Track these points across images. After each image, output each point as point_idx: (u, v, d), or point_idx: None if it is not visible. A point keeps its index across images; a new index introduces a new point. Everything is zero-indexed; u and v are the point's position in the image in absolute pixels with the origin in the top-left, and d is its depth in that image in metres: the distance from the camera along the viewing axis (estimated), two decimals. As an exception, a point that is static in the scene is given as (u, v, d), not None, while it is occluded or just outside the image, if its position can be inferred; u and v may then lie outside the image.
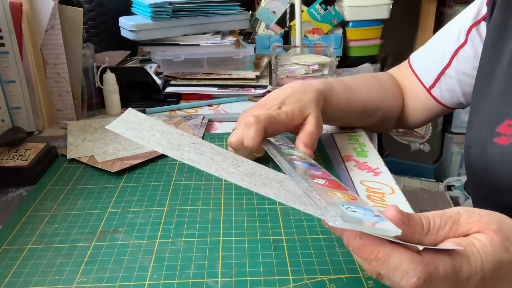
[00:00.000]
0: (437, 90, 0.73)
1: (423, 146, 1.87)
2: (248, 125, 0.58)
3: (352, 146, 0.72)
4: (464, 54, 0.69)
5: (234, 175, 0.40)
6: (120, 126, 0.43)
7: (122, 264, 0.47)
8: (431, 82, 0.73)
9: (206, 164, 0.41)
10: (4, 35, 0.73)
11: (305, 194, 0.39)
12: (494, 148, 0.57)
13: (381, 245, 0.34)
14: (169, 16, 0.95)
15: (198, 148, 0.43)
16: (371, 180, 0.63)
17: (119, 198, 0.59)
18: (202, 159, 0.41)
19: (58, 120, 0.83)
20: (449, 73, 0.71)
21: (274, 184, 0.41)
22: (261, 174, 0.42)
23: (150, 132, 0.43)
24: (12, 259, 0.48)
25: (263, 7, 1.33)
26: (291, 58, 1.02)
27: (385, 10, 1.49)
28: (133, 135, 0.43)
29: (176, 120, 0.81)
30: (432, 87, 0.73)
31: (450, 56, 0.70)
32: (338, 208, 0.36)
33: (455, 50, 0.70)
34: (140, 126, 0.44)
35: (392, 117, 0.78)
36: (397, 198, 0.59)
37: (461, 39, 0.69)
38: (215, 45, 0.99)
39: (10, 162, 0.64)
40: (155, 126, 0.45)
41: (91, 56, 0.85)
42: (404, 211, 0.36)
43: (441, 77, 0.72)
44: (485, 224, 0.36)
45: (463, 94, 0.71)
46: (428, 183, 1.78)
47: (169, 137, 0.44)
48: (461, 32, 0.69)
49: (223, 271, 0.45)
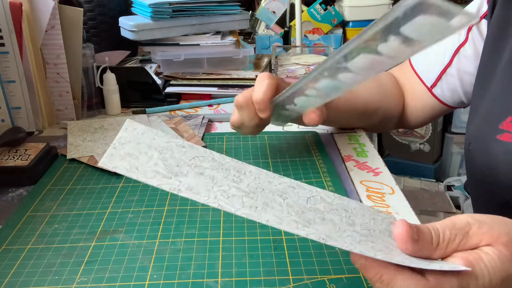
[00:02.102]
0: (439, 89, 0.73)
1: (423, 146, 1.87)
2: (261, 79, 0.59)
3: (352, 146, 0.72)
4: (464, 53, 0.69)
5: (234, 200, 0.40)
6: (114, 159, 0.42)
7: (122, 264, 0.47)
8: (432, 81, 0.73)
9: (206, 190, 0.40)
10: (4, 35, 0.73)
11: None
12: (498, 145, 0.56)
13: (385, 268, 0.34)
14: (169, 16, 0.95)
15: (198, 166, 0.42)
16: (371, 180, 0.63)
17: (119, 198, 0.59)
18: (201, 184, 0.41)
19: (58, 120, 0.83)
20: (450, 72, 0.71)
21: (277, 200, 0.40)
22: (264, 188, 0.42)
23: (147, 155, 0.43)
24: (12, 259, 0.48)
25: (263, 7, 1.33)
26: (291, 58, 1.02)
27: (385, 10, 1.49)
28: (127, 167, 0.42)
29: (176, 120, 0.81)
30: (433, 86, 0.73)
31: (451, 54, 0.70)
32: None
33: (455, 49, 0.69)
34: (136, 148, 0.43)
35: (392, 117, 0.78)
36: (397, 198, 0.59)
37: (462, 38, 0.69)
38: (215, 45, 0.99)
39: (10, 162, 0.64)
40: (154, 141, 0.44)
41: (91, 56, 0.85)
42: (413, 225, 0.35)
43: (443, 76, 0.72)
44: (496, 236, 0.35)
45: (464, 93, 0.71)
46: (428, 183, 1.78)
47: (167, 156, 0.43)
48: (462, 31, 0.68)
49: (223, 271, 0.46)
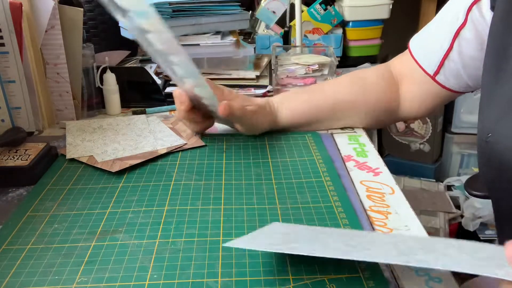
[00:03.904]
0: (442, 76, 0.70)
1: (423, 146, 1.87)
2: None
3: (352, 146, 0.72)
4: (464, 36, 0.66)
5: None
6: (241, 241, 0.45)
7: (122, 264, 0.47)
8: (435, 69, 0.70)
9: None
10: (4, 35, 0.73)
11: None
12: None
13: None
14: (169, 16, 0.95)
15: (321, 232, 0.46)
16: (371, 180, 0.63)
17: (119, 198, 0.59)
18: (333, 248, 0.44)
19: (58, 120, 0.83)
20: (452, 57, 0.68)
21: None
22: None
23: (271, 236, 0.46)
24: (12, 259, 0.48)
25: (263, 7, 1.33)
26: (291, 58, 1.02)
27: (385, 10, 1.49)
28: (246, 241, 0.46)
29: (172, 120, 0.81)
30: (436, 73, 0.70)
31: (451, 39, 0.67)
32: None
33: (455, 32, 0.66)
34: (265, 232, 0.47)
35: (380, 110, 0.76)
36: (397, 198, 0.59)
37: (460, 20, 0.65)
38: (215, 45, 0.99)
39: (10, 162, 0.64)
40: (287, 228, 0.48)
41: (91, 56, 0.85)
42: None
43: (445, 62, 0.69)
44: None
45: (468, 77, 0.68)
46: (428, 183, 1.78)
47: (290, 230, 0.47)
48: (460, 13, 0.65)
49: (223, 271, 0.45)
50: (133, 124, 0.78)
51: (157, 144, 0.71)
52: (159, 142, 0.72)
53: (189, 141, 0.73)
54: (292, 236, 0.46)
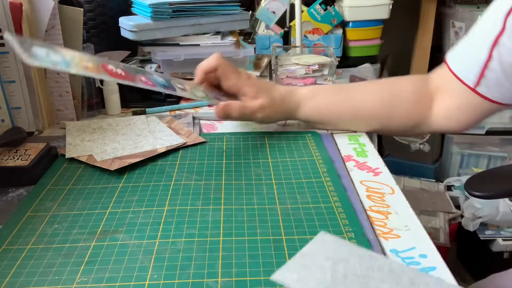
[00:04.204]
0: (483, 87, 0.66)
1: (423, 146, 1.87)
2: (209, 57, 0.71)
3: (352, 146, 0.72)
4: (504, 43, 0.62)
5: None
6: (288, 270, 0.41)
7: (122, 264, 0.47)
8: (475, 80, 0.67)
9: None
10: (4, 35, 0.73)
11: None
12: None
13: None
14: (169, 16, 0.95)
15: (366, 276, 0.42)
16: (371, 180, 0.63)
17: (119, 198, 0.59)
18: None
19: (58, 120, 0.83)
20: (492, 67, 0.64)
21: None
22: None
23: (321, 266, 0.42)
24: (12, 259, 0.48)
25: (263, 7, 1.33)
26: (291, 58, 1.02)
27: (385, 10, 1.49)
28: (295, 278, 0.42)
29: (167, 119, 0.81)
30: (476, 85, 0.67)
31: (489, 48, 0.64)
32: None
33: (493, 41, 0.63)
34: (313, 259, 0.43)
35: (402, 126, 0.75)
36: (397, 198, 0.59)
37: (498, 28, 0.62)
38: (215, 45, 0.99)
39: (10, 162, 0.64)
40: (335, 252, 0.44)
41: (91, 56, 0.84)
42: None
43: (485, 72, 0.65)
44: None
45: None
46: (428, 183, 1.77)
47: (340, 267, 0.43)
48: (498, 21, 0.62)
49: (223, 271, 0.46)
50: (133, 124, 0.79)
51: (157, 143, 0.71)
52: (159, 141, 0.72)
53: (189, 138, 0.73)
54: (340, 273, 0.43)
